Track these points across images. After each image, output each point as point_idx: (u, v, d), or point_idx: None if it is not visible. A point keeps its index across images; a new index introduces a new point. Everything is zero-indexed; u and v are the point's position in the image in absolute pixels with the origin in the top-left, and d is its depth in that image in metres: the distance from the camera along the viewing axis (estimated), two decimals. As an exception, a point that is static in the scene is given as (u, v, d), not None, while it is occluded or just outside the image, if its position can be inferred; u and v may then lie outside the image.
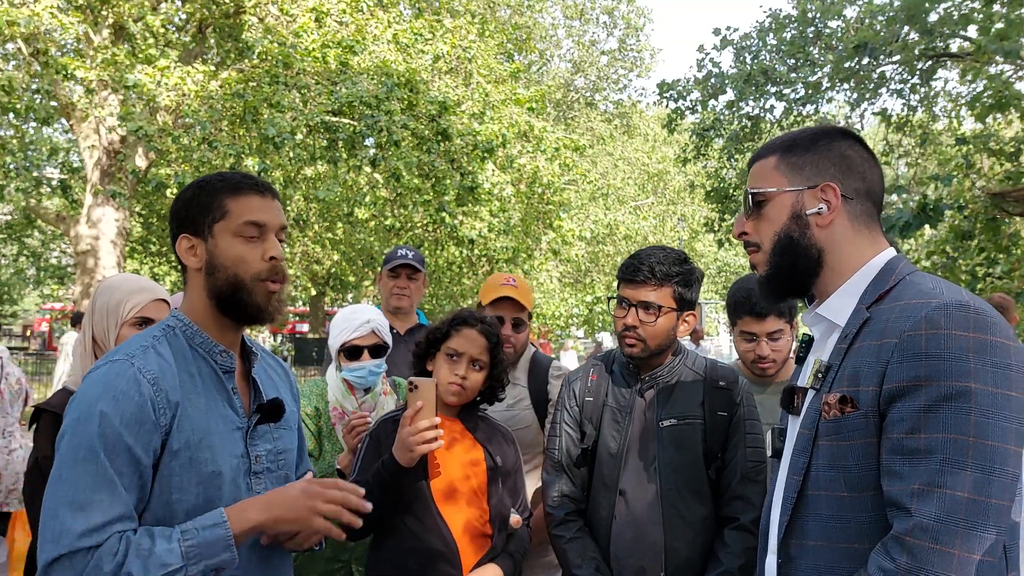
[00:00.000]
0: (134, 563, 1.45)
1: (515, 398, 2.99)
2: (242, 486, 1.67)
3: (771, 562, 1.58)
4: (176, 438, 1.57)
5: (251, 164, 9.75)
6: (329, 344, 2.82)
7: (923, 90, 13.63)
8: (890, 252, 1.57)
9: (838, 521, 1.45)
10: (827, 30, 14.07)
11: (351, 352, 2.74)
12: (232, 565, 1.55)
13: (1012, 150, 9.34)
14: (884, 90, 13.67)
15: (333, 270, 20.06)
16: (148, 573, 1.46)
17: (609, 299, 2.60)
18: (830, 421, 1.47)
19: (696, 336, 15.63)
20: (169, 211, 1.76)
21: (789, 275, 1.60)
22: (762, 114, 15.18)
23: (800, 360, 1.71)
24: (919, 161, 16.09)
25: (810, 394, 1.56)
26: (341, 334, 2.73)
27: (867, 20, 12.71)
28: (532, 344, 3.26)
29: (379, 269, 3.71)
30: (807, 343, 1.70)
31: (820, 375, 1.53)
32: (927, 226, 8.54)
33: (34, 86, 10.33)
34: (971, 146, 9.86)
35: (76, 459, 1.49)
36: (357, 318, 2.75)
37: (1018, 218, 8.97)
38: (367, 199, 12.47)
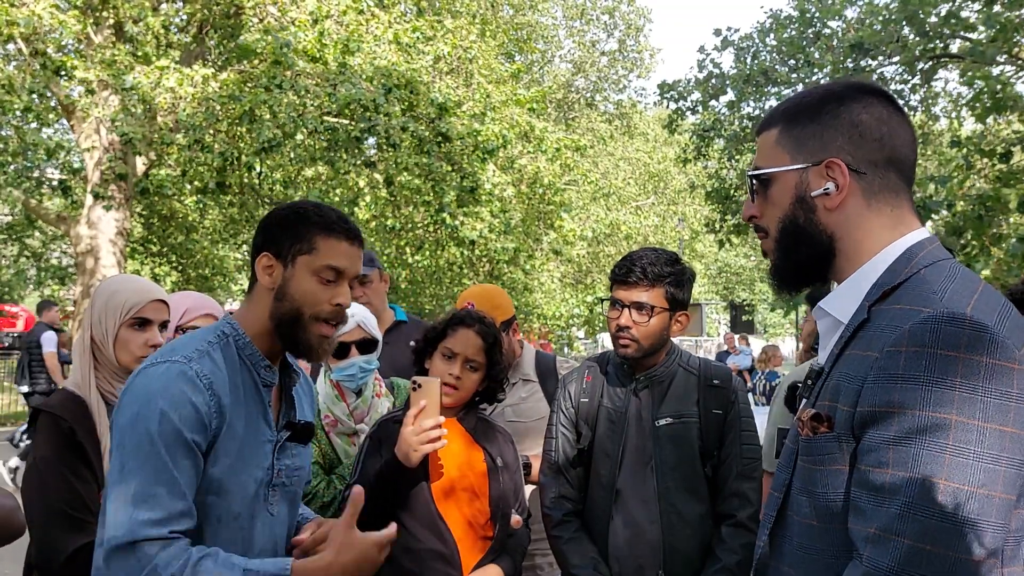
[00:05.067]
0: None
1: (529, 392, 3.07)
2: (260, 497, 1.72)
3: None
4: (223, 444, 1.61)
5: (248, 164, 9.78)
6: None
7: (923, 90, 13.64)
8: (915, 236, 1.32)
9: (807, 551, 1.28)
10: (827, 31, 14.09)
11: (338, 351, 2.67)
12: None
13: (1003, 151, 9.35)
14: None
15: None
16: None
17: (602, 301, 2.61)
18: (804, 440, 1.30)
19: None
20: (260, 223, 1.80)
21: (798, 265, 1.40)
22: (762, 115, 15.16)
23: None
24: (919, 162, 16.09)
25: (802, 401, 1.38)
26: None
27: (867, 20, 12.72)
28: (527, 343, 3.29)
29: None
30: None
31: (810, 382, 1.36)
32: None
33: (32, 87, 10.32)
34: (969, 147, 9.88)
35: (138, 454, 1.52)
36: None
37: (1004, 219, 9.01)
38: (367, 199, 12.48)
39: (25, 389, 9.72)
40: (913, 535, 1.09)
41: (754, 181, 1.43)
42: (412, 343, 2.70)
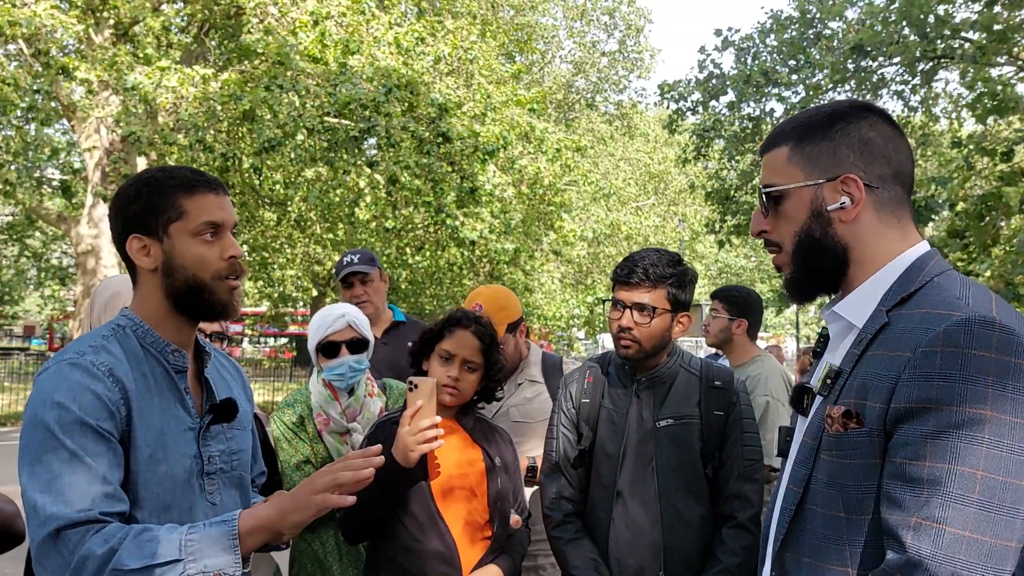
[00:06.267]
0: (128, 549, 1.41)
1: (534, 392, 3.06)
2: (195, 487, 1.64)
3: (766, 573, 1.49)
4: (139, 435, 1.54)
5: (247, 165, 9.78)
6: (308, 348, 2.76)
7: (923, 91, 13.65)
8: (922, 247, 1.41)
9: (833, 542, 1.34)
10: (827, 31, 14.10)
11: (328, 350, 2.67)
12: (234, 571, 1.46)
13: (1004, 150, 9.35)
14: (884, 91, 13.69)
15: (334, 271, 20.05)
16: (141, 561, 1.40)
17: (604, 301, 2.60)
18: (832, 436, 1.35)
19: None
20: (111, 208, 1.68)
21: (816, 276, 1.47)
22: (763, 115, 15.19)
23: (817, 355, 1.58)
24: (919, 163, 16.09)
25: (817, 400, 1.44)
26: (317, 332, 2.68)
27: (867, 21, 12.73)
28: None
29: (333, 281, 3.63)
30: (825, 338, 1.55)
31: (829, 381, 1.41)
32: (920, 224, 8.57)
33: (35, 87, 10.34)
34: (970, 148, 9.89)
35: (45, 450, 1.45)
36: (331, 314, 2.69)
37: (1003, 218, 9.01)
38: (367, 199, 12.48)
39: None
40: (954, 523, 1.17)
41: (766, 198, 1.48)
42: (410, 344, 2.70)
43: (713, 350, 4.32)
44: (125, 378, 1.55)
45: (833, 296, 1.53)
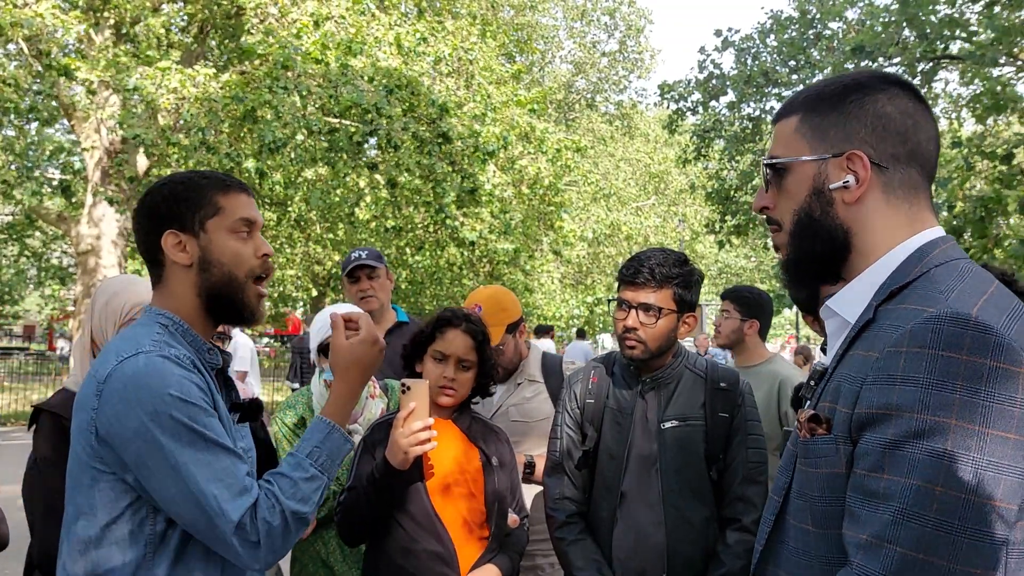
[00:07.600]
0: (293, 505, 1.56)
1: (534, 392, 3.05)
2: None
3: None
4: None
5: (250, 166, 9.77)
6: (310, 349, 2.77)
7: (923, 92, 13.67)
8: (929, 234, 1.26)
9: (803, 556, 1.24)
10: (827, 32, 14.11)
11: (327, 350, 2.66)
12: (351, 444, 1.74)
13: (1004, 152, 9.35)
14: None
15: (334, 271, 20.08)
16: (308, 501, 1.59)
17: (609, 301, 2.59)
18: (800, 443, 1.25)
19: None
20: (141, 206, 1.69)
21: (812, 260, 1.33)
22: (763, 116, 15.21)
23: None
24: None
25: (806, 403, 1.33)
26: (318, 334, 2.68)
27: (868, 22, 12.74)
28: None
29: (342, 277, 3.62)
30: None
31: (812, 383, 1.31)
32: None
33: (36, 87, 10.34)
34: (969, 148, 9.90)
35: (186, 445, 1.47)
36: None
37: (1004, 221, 9.02)
38: (368, 199, 12.49)
39: (296, 387, 10.61)
40: (906, 543, 1.05)
41: (769, 171, 1.35)
42: None
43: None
44: (202, 370, 1.59)
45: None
